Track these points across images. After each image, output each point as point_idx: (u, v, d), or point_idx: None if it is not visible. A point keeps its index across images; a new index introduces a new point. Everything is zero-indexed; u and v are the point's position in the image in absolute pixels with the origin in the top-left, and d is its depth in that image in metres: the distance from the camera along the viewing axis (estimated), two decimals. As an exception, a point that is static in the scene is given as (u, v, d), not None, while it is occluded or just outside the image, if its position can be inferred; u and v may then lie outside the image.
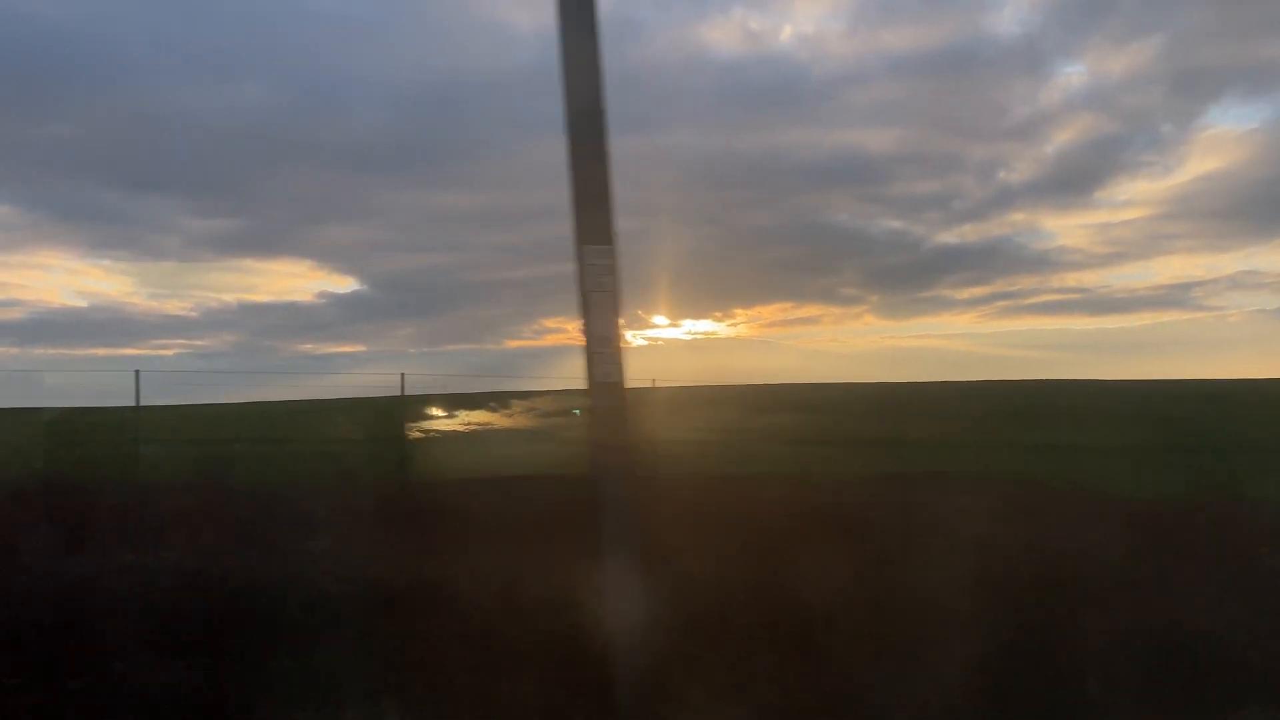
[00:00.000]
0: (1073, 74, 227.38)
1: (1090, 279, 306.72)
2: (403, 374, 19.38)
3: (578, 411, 15.01)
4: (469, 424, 35.62)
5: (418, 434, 27.22)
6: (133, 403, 16.44)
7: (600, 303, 4.55)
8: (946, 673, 4.67)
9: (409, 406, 21.70)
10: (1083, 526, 8.36)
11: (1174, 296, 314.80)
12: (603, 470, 4.50)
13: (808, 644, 5.09)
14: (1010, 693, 4.56)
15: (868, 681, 4.68)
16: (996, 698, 4.50)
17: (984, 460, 17.67)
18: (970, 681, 4.59)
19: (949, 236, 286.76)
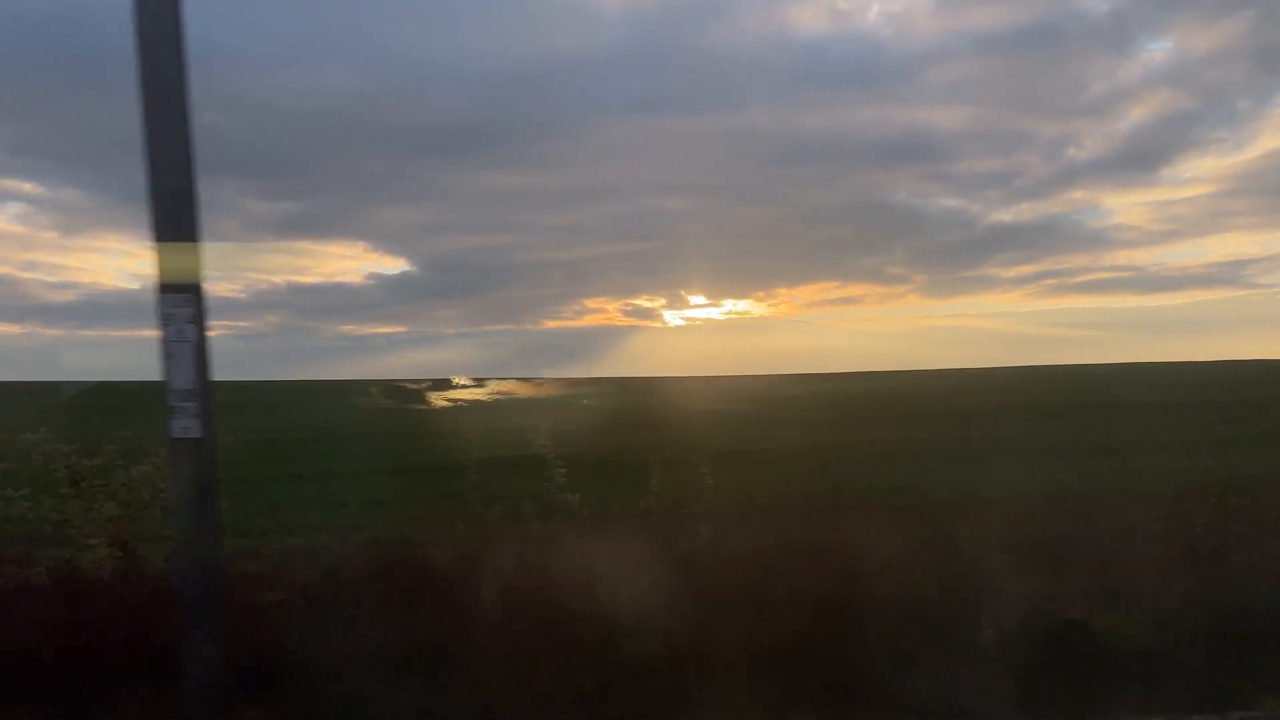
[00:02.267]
0: (1157, 50, 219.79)
1: (1142, 257, 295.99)
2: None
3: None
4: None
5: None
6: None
7: (182, 354, 4.09)
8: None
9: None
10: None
11: (1226, 274, 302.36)
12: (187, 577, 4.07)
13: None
14: None
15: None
16: None
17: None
18: None
19: (1005, 215, 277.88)
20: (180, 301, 4.06)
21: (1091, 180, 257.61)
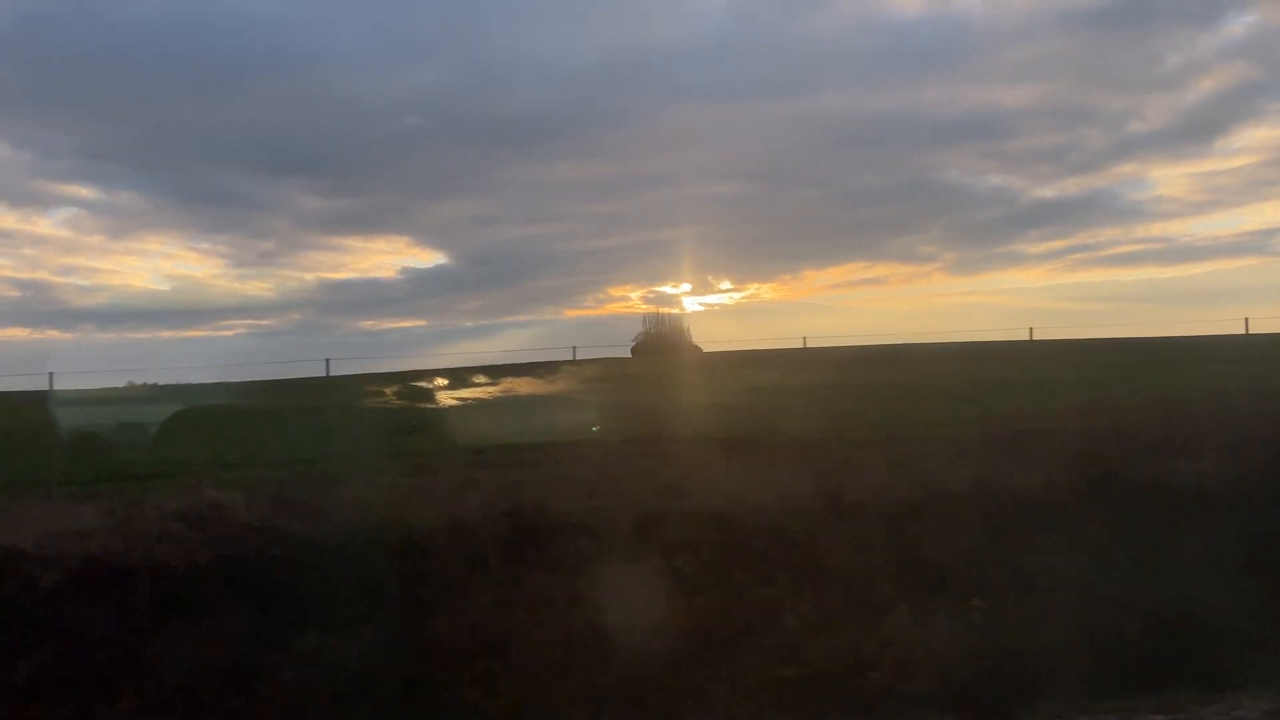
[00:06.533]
0: (1239, 23, 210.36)
1: (1176, 228, 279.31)
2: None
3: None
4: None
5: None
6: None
7: None
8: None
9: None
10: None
11: (1252, 243, 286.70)
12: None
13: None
14: None
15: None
16: None
17: None
18: None
19: (1048, 190, 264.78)
20: None
21: (1145, 153, 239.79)
